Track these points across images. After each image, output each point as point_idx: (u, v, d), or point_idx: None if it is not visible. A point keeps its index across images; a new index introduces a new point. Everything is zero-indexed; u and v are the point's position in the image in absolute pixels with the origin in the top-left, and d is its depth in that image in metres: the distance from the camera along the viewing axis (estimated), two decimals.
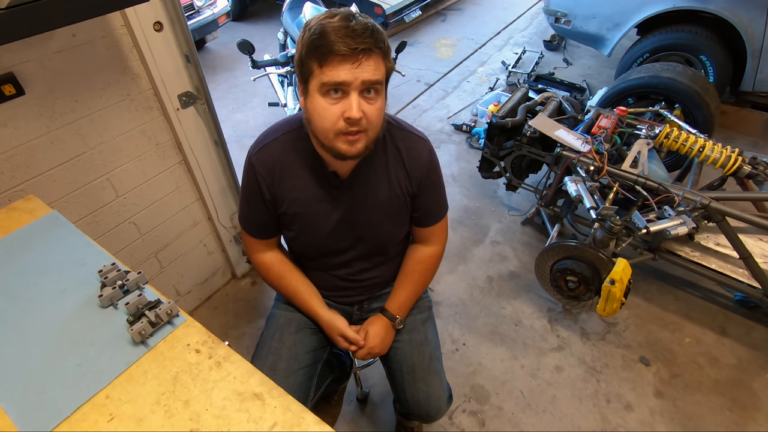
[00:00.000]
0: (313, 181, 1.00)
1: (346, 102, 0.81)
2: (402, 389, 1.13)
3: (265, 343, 1.13)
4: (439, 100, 3.53)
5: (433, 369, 1.13)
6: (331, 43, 0.77)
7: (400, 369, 1.14)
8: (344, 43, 0.76)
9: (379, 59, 0.82)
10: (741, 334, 1.86)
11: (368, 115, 0.83)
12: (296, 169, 1.00)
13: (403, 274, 1.17)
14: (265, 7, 5.19)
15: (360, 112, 0.81)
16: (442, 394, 1.14)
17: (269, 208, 1.04)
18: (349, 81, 0.79)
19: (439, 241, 1.17)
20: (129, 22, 1.28)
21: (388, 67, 0.85)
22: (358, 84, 0.80)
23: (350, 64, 0.78)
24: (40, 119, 1.21)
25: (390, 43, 0.86)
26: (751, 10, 2.46)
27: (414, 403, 1.12)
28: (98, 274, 0.88)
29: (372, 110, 0.84)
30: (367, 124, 0.85)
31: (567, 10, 3.17)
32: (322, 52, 0.78)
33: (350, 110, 0.81)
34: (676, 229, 1.52)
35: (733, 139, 2.94)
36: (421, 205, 1.08)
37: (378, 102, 0.85)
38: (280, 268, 1.15)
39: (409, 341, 1.15)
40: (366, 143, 0.88)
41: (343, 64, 0.78)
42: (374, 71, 0.81)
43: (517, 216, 2.46)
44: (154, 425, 0.68)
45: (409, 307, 1.18)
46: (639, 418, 1.61)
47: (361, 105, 0.82)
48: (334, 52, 0.77)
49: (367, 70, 0.79)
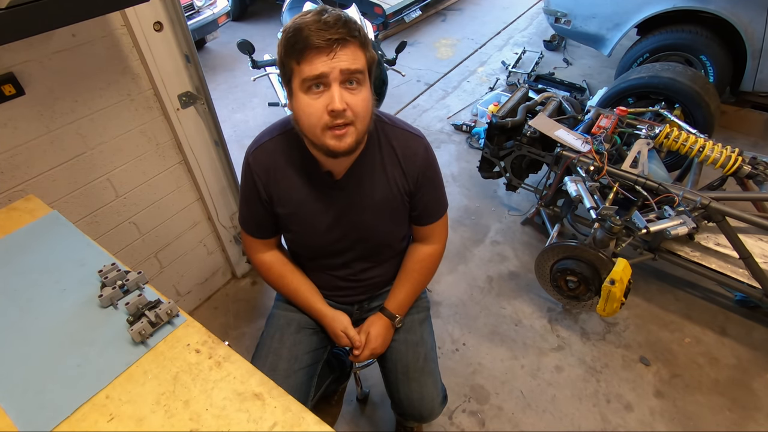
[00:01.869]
0: (307, 181, 1.00)
1: (328, 95, 0.81)
2: (396, 389, 1.13)
3: (266, 343, 1.13)
4: (439, 100, 3.53)
5: (428, 370, 1.13)
6: (305, 38, 0.78)
7: (395, 369, 1.14)
8: (317, 36, 0.77)
9: (356, 48, 0.81)
10: (741, 334, 1.86)
11: (353, 106, 0.82)
12: (291, 168, 1.00)
13: (403, 273, 1.17)
14: (265, 7, 5.19)
15: (343, 103, 0.81)
16: (435, 395, 1.14)
17: (267, 208, 1.04)
18: (327, 72, 0.79)
19: (440, 240, 1.16)
20: (129, 22, 1.28)
21: (368, 57, 0.84)
22: (336, 74, 0.80)
23: (326, 56, 0.78)
24: (40, 119, 1.21)
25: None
26: (751, 10, 2.46)
27: (407, 403, 1.12)
28: (98, 274, 0.88)
29: (356, 101, 0.83)
30: (353, 116, 0.83)
31: (567, 10, 3.17)
32: (298, 49, 0.79)
33: (333, 102, 0.80)
34: (676, 229, 1.52)
35: (733, 139, 2.93)
36: (419, 203, 1.07)
37: (362, 92, 0.84)
38: (280, 268, 1.14)
39: (405, 341, 1.15)
40: (356, 137, 0.86)
41: (319, 56, 0.79)
42: (352, 60, 0.80)
43: (517, 216, 2.46)
44: (154, 425, 0.68)
45: (409, 305, 1.17)
46: (639, 418, 1.61)
47: (344, 96, 0.81)
48: (309, 45, 0.78)
49: (344, 59, 0.79)
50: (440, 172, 1.11)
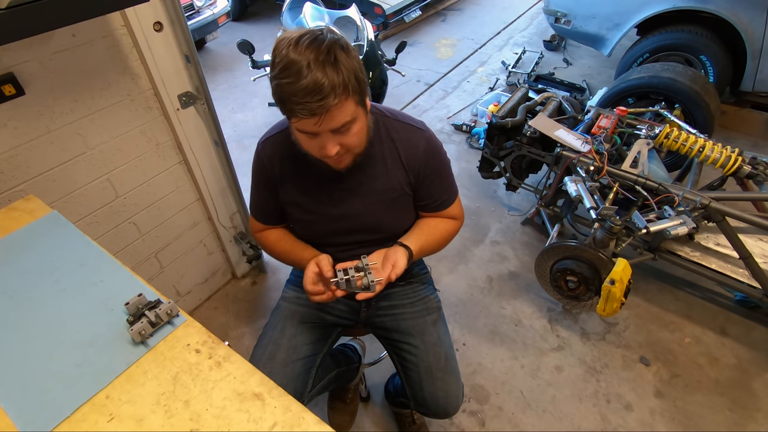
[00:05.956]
0: (311, 173, 1.04)
1: (321, 141, 0.85)
2: (420, 388, 1.13)
3: (267, 332, 1.16)
4: (439, 100, 3.53)
5: (450, 368, 1.14)
6: (291, 110, 0.80)
7: (417, 370, 1.14)
8: (302, 108, 0.78)
9: (344, 103, 0.80)
10: (741, 334, 1.86)
11: (346, 144, 0.88)
12: (297, 160, 1.03)
13: (417, 226, 1.13)
14: (265, 7, 5.19)
15: (335, 147, 0.85)
16: (459, 392, 1.15)
17: (273, 196, 1.09)
18: (317, 131, 0.83)
19: (457, 218, 1.19)
20: (129, 22, 1.28)
21: (357, 98, 0.84)
22: (326, 131, 0.83)
23: (314, 123, 0.81)
24: (40, 119, 1.21)
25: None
26: (751, 10, 2.46)
27: (432, 401, 1.13)
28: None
29: (349, 139, 0.87)
30: (348, 150, 0.90)
31: (567, 10, 3.17)
32: (285, 110, 0.82)
33: (325, 150, 0.85)
34: (676, 229, 1.52)
35: (733, 139, 2.94)
36: (426, 194, 1.09)
37: (353, 129, 0.87)
38: (278, 234, 1.17)
39: (423, 342, 1.15)
40: (353, 158, 0.94)
41: (307, 121, 0.81)
42: (341, 117, 0.82)
43: (517, 216, 2.46)
44: (154, 425, 0.68)
45: (420, 254, 1.11)
46: (639, 418, 1.61)
47: (337, 139, 0.85)
48: (296, 114, 0.79)
49: (332, 121, 0.81)
50: (447, 161, 1.12)
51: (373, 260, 0.99)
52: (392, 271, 0.96)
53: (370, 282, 0.93)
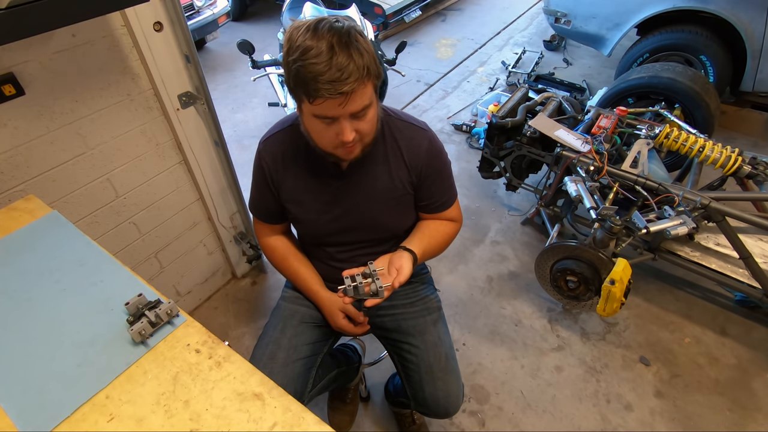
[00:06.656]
0: (313, 171, 1.04)
1: (338, 126, 0.85)
2: (420, 388, 1.14)
3: (267, 332, 1.16)
4: (439, 100, 3.53)
5: (450, 368, 1.14)
6: (316, 90, 0.78)
7: (417, 370, 1.14)
8: (331, 88, 0.78)
9: (366, 85, 0.83)
10: (741, 334, 1.86)
11: (361, 131, 0.89)
12: (299, 158, 1.04)
13: (422, 226, 1.14)
14: (265, 7, 5.19)
15: (353, 133, 0.86)
16: (459, 392, 1.15)
17: (274, 195, 1.10)
18: (338, 115, 0.83)
19: (456, 220, 1.20)
20: (129, 22, 1.28)
21: (375, 81, 0.86)
22: (346, 115, 0.84)
23: (338, 105, 0.81)
24: (40, 119, 1.21)
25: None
26: (751, 10, 2.46)
27: (432, 401, 1.13)
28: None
29: (364, 125, 0.88)
30: (362, 137, 0.90)
31: (567, 10, 3.17)
32: (310, 92, 0.80)
33: (343, 135, 0.86)
34: (676, 229, 1.52)
35: (733, 139, 2.94)
36: (427, 194, 1.10)
37: (369, 115, 0.88)
38: (284, 251, 1.19)
39: (423, 342, 1.16)
40: (363, 148, 0.94)
41: (331, 104, 0.81)
42: (361, 100, 0.83)
43: (517, 216, 2.46)
44: (154, 425, 0.68)
45: (423, 257, 1.11)
46: (639, 418, 1.61)
47: (354, 125, 0.86)
48: (323, 96, 0.79)
49: (354, 103, 0.82)
50: (448, 163, 1.13)
51: (380, 266, 0.99)
52: (396, 278, 0.97)
53: (379, 288, 0.93)
